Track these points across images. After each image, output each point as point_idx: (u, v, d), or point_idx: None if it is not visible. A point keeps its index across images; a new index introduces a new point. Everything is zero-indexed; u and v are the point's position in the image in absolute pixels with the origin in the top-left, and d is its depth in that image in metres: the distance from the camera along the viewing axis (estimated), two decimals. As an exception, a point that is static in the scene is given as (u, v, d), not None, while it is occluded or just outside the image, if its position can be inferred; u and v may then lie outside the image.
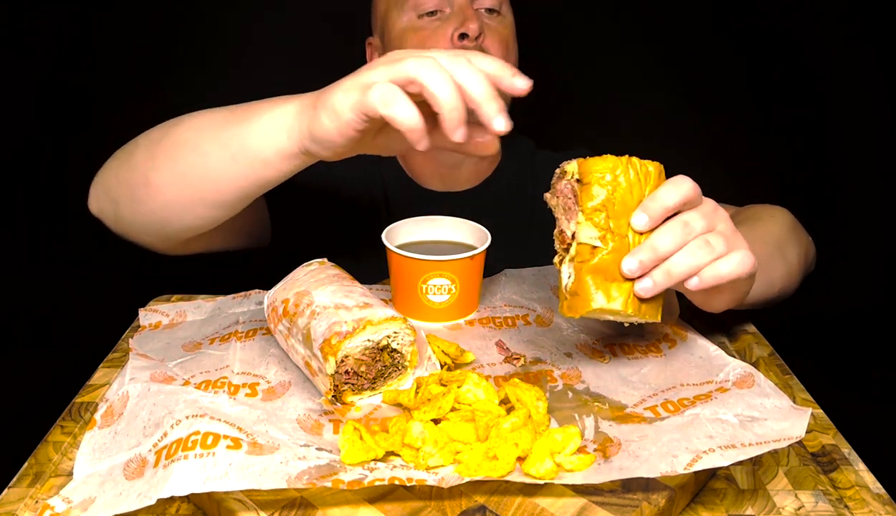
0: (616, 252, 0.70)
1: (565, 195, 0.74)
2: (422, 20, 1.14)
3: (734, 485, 0.72)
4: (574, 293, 0.72)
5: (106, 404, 0.76)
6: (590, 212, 0.71)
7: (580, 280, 0.71)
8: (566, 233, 0.74)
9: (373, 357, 0.77)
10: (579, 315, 0.72)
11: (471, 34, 1.10)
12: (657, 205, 0.70)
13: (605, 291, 0.71)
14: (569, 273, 0.74)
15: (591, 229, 0.71)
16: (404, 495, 0.64)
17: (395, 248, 0.94)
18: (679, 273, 0.70)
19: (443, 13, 1.14)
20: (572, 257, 0.73)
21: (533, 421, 0.70)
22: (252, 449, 0.66)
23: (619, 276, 0.71)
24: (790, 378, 0.91)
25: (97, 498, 0.64)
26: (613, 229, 0.71)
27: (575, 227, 0.73)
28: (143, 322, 0.99)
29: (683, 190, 0.70)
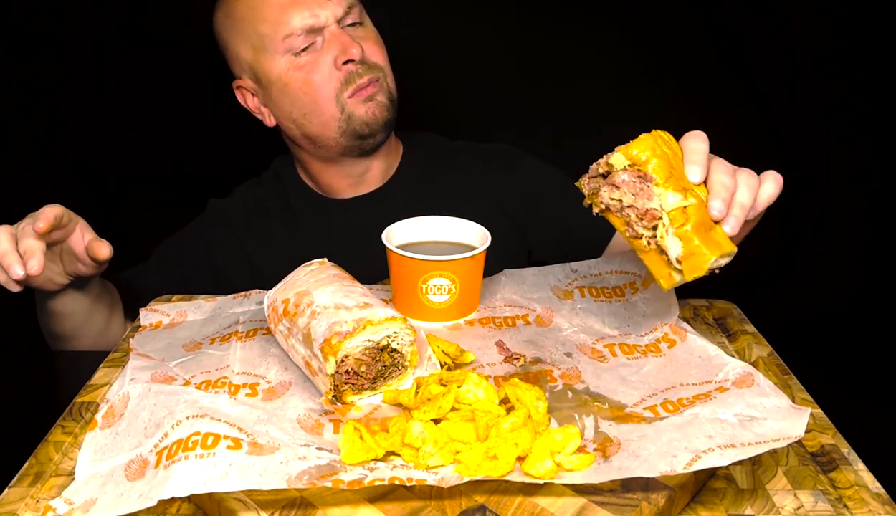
0: (701, 205, 0.77)
1: (630, 182, 0.78)
2: (299, 57, 1.17)
3: (734, 485, 0.72)
4: (689, 255, 0.76)
5: (107, 405, 0.76)
6: (665, 183, 0.76)
7: (689, 241, 0.76)
8: (654, 209, 0.77)
9: (373, 357, 0.77)
10: (704, 270, 0.76)
11: (356, 58, 1.17)
12: (699, 155, 0.78)
13: (712, 242, 0.76)
14: (674, 243, 0.77)
15: (674, 193, 0.76)
16: (404, 495, 0.64)
17: (395, 248, 0.94)
18: (748, 201, 0.78)
19: (315, 45, 1.18)
20: (668, 227, 0.77)
21: (533, 420, 0.70)
22: (252, 449, 0.66)
23: (712, 224, 0.77)
24: (789, 378, 0.91)
25: (99, 498, 0.64)
26: (687, 187, 0.77)
27: (658, 201, 0.77)
28: (143, 322, 0.99)
29: (704, 138, 0.80)
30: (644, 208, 0.77)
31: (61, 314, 1.12)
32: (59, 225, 0.98)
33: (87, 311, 1.14)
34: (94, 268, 1.05)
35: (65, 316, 1.13)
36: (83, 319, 1.14)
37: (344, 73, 1.17)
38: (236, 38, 1.21)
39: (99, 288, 1.15)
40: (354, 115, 1.19)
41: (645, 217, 0.78)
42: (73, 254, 1.03)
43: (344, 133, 1.20)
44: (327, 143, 1.22)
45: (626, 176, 0.78)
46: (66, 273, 1.06)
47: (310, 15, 1.15)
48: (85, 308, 1.13)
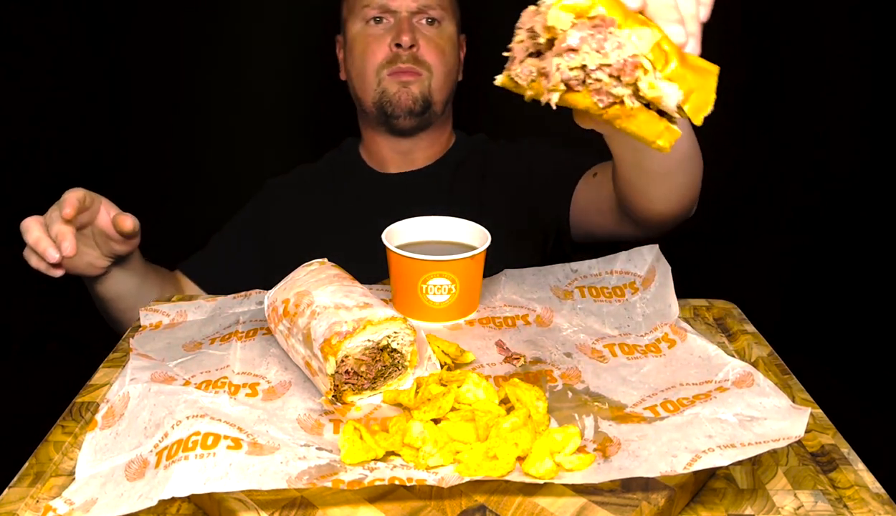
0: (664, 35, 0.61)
1: (589, 36, 0.59)
2: (369, 26, 1.37)
3: (734, 485, 0.72)
4: (689, 94, 0.60)
5: (107, 405, 0.76)
6: (625, 20, 0.59)
7: (683, 78, 0.60)
8: (634, 56, 0.60)
9: (373, 357, 0.77)
10: (711, 102, 0.61)
11: (404, 45, 1.33)
12: None
13: (699, 69, 0.61)
14: (669, 87, 0.60)
15: (640, 30, 0.60)
16: (404, 495, 0.64)
17: (395, 248, 0.94)
18: (693, 8, 0.64)
19: (387, 21, 1.36)
20: (653, 72, 0.60)
21: (533, 420, 0.70)
22: (252, 449, 0.67)
23: (683, 53, 0.61)
24: (789, 378, 0.91)
25: (99, 499, 0.64)
26: (643, 19, 0.61)
27: (632, 45, 0.59)
28: (143, 321, 0.99)
29: None
30: (621, 60, 0.59)
31: (112, 299, 1.20)
32: (83, 207, 1.03)
33: (137, 293, 1.20)
34: (126, 243, 1.11)
35: (116, 300, 1.20)
36: (134, 301, 1.20)
37: (392, 54, 1.34)
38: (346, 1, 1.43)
39: (144, 268, 1.23)
40: (386, 90, 1.36)
41: (623, 71, 0.59)
42: (105, 235, 1.09)
43: (375, 104, 1.37)
44: (365, 108, 1.40)
45: (582, 32, 0.58)
46: (104, 255, 1.13)
47: None
48: (133, 289, 1.20)
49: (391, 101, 1.35)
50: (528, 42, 0.61)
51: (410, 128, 1.39)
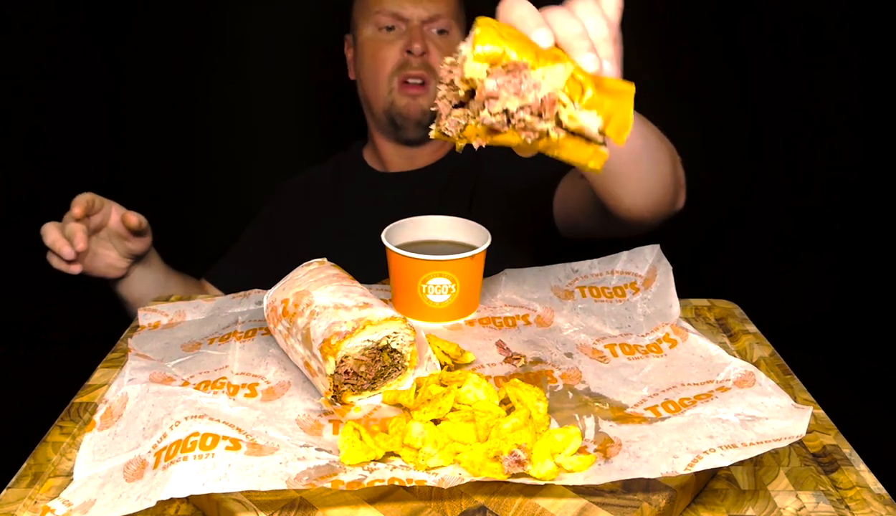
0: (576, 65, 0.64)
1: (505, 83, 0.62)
2: (381, 33, 1.39)
3: (735, 486, 0.71)
4: (608, 119, 0.63)
5: (105, 405, 0.76)
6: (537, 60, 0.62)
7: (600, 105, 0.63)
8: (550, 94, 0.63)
9: (372, 357, 0.77)
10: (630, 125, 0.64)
11: (415, 52, 1.36)
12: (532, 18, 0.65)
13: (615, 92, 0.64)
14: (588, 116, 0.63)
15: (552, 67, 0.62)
16: (404, 496, 0.64)
17: (395, 248, 0.93)
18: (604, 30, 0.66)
19: (399, 29, 1.38)
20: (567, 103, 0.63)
21: (533, 421, 0.70)
22: (251, 449, 0.66)
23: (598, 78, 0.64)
24: (791, 378, 0.90)
25: (97, 500, 0.64)
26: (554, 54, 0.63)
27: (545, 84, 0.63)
28: (142, 321, 0.99)
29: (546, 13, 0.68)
30: (538, 99, 0.63)
31: (136, 300, 1.25)
32: (92, 208, 1.11)
33: (160, 293, 1.24)
34: (139, 241, 1.18)
35: (139, 301, 1.24)
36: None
37: (402, 60, 1.37)
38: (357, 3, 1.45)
39: (166, 270, 1.30)
40: (396, 101, 1.39)
41: (542, 108, 0.63)
42: (118, 235, 1.16)
43: (385, 112, 1.40)
44: (374, 111, 1.43)
45: (498, 79, 0.62)
46: (121, 256, 1.19)
47: (398, 6, 1.38)
48: (155, 289, 1.25)
49: (401, 114, 1.38)
50: (450, 95, 0.64)
51: (418, 139, 1.42)
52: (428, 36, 1.38)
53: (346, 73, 1.52)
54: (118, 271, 1.21)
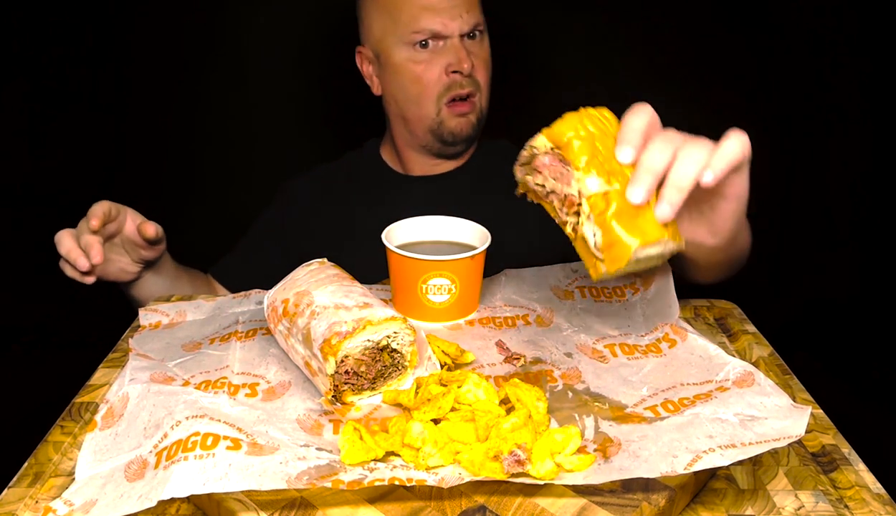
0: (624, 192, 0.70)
1: (551, 165, 0.73)
2: (416, 51, 1.30)
3: (734, 485, 0.71)
4: (609, 245, 0.70)
5: (106, 405, 0.76)
6: (586, 166, 0.71)
7: (608, 230, 0.70)
8: (572, 194, 0.72)
9: (373, 357, 0.77)
10: (624, 264, 0.70)
11: (464, 72, 1.29)
12: (631, 133, 0.71)
13: (637, 229, 0.69)
14: (593, 231, 0.71)
15: (595, 178, 0.70)
16: (404, 495, 0.64)
17: (395, 248, 0.94)
18: (687, 179, 0.69)
19: (436, 46, 1.30)
20: (589, 214, 0.71)
21: (533, 421, 0.70)
22: (252, 449, 0.66)
23: (640, 211, 0.70)
24: (790, 378, 0.91)
25: (98, 500, 0.64)
26: (612, 171, 0.70)
27: (577, 185, 0.71)
28: (142, 321, 0.99)
29: (646, 113, 0.72)
30: (563, 194, 0.72)
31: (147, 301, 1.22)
32: (109, 218, 1.10)
33: (170, 293, 1.24)
34: (153, 249, 1.18)
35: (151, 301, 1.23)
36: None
37: (449, 80, 1.30)
38: (373, 15, 1.35)
39: (176, 271, 1.29)
40: (445, 122, 1.33)
41: (565, 203, 0.73)
42: (133, 242, 1.15)
43: (433, 132, 1.34)
44: (416, 132, 1.37)
45: (546, 159, 0.73)
46: (134, 261, 1.19)
47: (440, 23, 1.28)
48: (166, 292, 1.24)
49: (453, 133, 1.33)
50: (526, 150, 0.76)
51: (463, 151, 1.39)
52: (468, 49, 1.31)
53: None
54: (130, 275, 1.20)
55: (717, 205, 0.79)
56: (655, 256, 0.72)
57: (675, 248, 0.72)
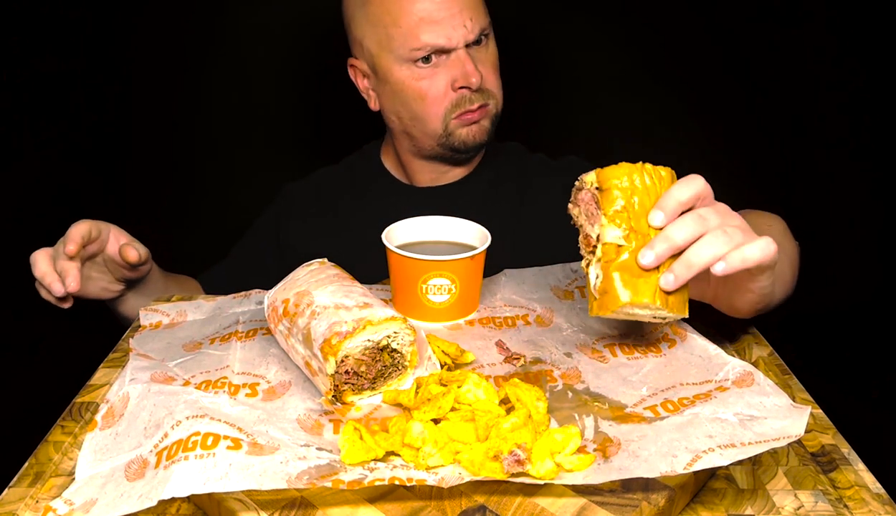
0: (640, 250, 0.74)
1: (587, 202, 0.78)
2: (417, 67, 1.19)
3: (734, 485, 0.72)
4: (603, 291, 0.75)
5: (107, 405, 0.76)
6: (612, 215, 0.75)
7: (608, 278, 0.74)
8: (591, 236, 0.77)
9: (373, 357, 0.77)
10: (610, 312, 0.75)
11: (472, 86, 1.18)
12: (671, 201, 0.74)
13: (633, 287, 0.73)
14: (596, 273, 0.76)
15: (615, 229, 0.74)
16: (404, 495, 0.64)
17: (395, 248, 0.94)
18: (700, 262, 0.72)
19: (439, 60, 1.19)
20: (599, 258, 0.76)
21: (533, 421, 0.70)
22: (252, 449, 0.66)
23: (646, 274, 0.73)
24: (790, 378, 0.91)
25: (99, 499, 0.64)
26: (636, 229, 0.74)
27: (599, 230, 0.76)
28: (143, 321, 0.99)
29: (695, 186, 0.74)
30: (585, 233, 0.78)
31: (131, 317, 1.18)
32: (89, 240, 1.04)
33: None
34: (136, 271, 1.12)
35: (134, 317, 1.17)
36: None
37: (457, 96, 1.20)
38: (364, 27, 1.23)
39: (164, 283, 1.22)
40: (455, 133, 1.23)
41: (585, 241, 0.78)
42: (115, 262, 1.09)
43: (441, 145, 1.26)
44: (422, 146, 1.28)
45: (586, 196, 0.78)
46: (116, 280, 1.13)
47: (443, 36, 1.16)
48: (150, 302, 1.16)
49: (464, 142, 1.23)
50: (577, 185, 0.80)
51: (475, 156, 1.32)
52: (475, 58, 1.19)
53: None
54: (112, 294, 1.14)
55: (736, 290, 0.82)
56: (650, 316, 0.77)
57: (674, 318, 0.77)
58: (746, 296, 0.83)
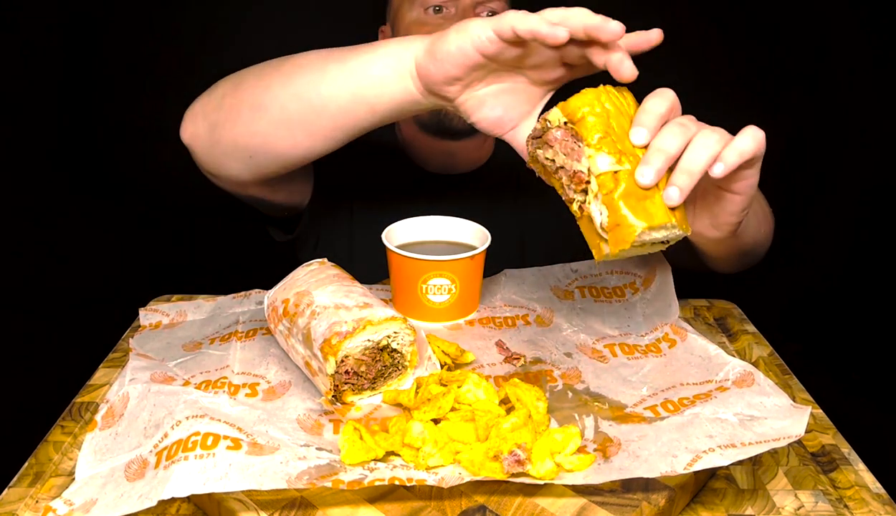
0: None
1: (562, 140, 0.71)
2: (428, 15, 1.18)
3: (734, 485, 0.72)
4: (615, 225, 0.68)
5: (106, 405, 0.76)
6: (598, 143, 0.69)
7: (615, 209, 0.68)
8: (581, 171, 0.70)
9: (373, 357, 0.77)
10: (628, 244, 0.68)
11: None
12: (649, 115, 0.70)
13: (644, 211, 0.68)
14: (599, 210, 0.70)
15: (605, 157, 0.68)
16: (404, 495, 0.64)
17: (395, 248, 0.94)
18: (699, 166, 0.68)
19: (448, 10, 1.18)
20: (596, 193, 0.69)
21: (533, 421, 0.70)
22: (252, 449, 0.66)
23: (649, 193, 0.68)
24: (790, 378, 0.91)
25: (99, 499, 0.64)
26: (624, 151, 0.69)
27: (587, 162, 0.69)
28: (143, 322, 0.99)
29: (668, 97, 0.71)
30: (573, 170, 0.70)
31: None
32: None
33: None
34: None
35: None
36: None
37: None
38: None
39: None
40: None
41: (574, 180, 0.71)
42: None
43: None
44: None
45: (558, 133, 0.71)
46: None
47: None
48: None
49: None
50: (539, 123, 0.74)
51: (464, 130, 1.21)
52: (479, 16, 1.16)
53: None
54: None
55: (722, 198, 0.78)
56: (660, 240, 0.71)
57: (682, 235, 0.71)
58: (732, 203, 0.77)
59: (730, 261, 1.00)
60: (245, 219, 1.44)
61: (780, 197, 1.92)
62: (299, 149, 0.93)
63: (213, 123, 0.96)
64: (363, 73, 0.84)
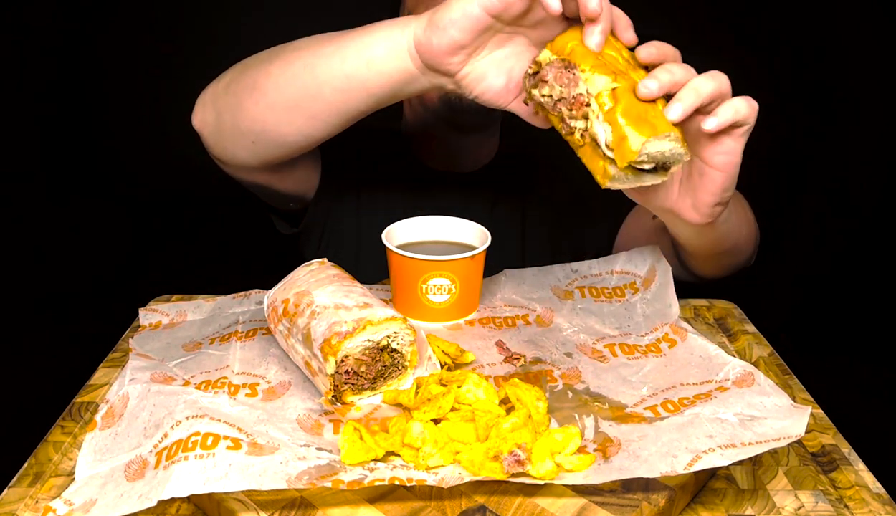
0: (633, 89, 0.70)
1: (556, 73, 0.73)
2: None
3: (734, 485, 0.72)
4: (620, 139, 0.69)
5: (106, 405, 0.76)
6: (593, 66, 0.70)
7: (617, 125, 0.69)
8: (580, 94, 0.71)
9: (373, 357, 0.77)
10: (635, 155, 0.68)
11: None
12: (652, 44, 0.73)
13: (647, 124, 0.69)
14: (603, 128, 0.70)
15: (601, 76, 0.70)
16: (404, 495, 0.64)
17: (395, 248, 0.94)
18: (705, 90, 0.70)
19: None
20: (598, 113, 0.70)
21: (533, 421, 0.70)
22: (252, 449, 0.66)
23: (650, 108, 0.70)
24: (790, 378, 0.91)
25: (98, 499, 0.64)
26: (618, 71, 0.71)
27: (585, 85, 0.71)
28: (143, 322, 0.99)
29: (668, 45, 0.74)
30: (572, 96, 0.72)
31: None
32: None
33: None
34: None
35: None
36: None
37: None
38: None
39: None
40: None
41: (574, 106, 0.72)
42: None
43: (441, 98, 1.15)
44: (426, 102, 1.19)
45: (551, 70, 0.73)
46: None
47: None
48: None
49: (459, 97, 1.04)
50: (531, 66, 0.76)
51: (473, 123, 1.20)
52: None
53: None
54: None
55: (705, 175, 0.78)
56: (663, 162, 0.72)
57: (683, 154, 0.71)
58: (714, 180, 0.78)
59: (709, 262, 1.00)
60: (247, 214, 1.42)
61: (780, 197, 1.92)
62: (299, 134, 0.92)
63: (220, 109, 0.96)
64: (358, 54, 0.83)
